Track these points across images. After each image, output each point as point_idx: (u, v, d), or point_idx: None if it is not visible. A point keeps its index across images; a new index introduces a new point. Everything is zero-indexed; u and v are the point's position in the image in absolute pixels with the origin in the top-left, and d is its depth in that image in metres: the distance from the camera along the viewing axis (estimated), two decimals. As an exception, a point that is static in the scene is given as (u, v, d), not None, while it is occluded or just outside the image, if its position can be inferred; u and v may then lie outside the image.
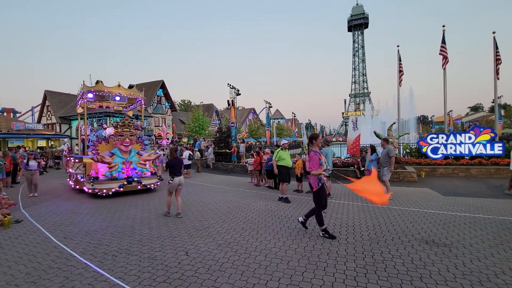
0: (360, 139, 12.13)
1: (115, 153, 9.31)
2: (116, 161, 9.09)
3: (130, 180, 8.96)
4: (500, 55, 12.31)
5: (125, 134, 9.53)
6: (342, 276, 3.27)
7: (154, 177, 9.85)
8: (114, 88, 10.35)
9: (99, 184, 8.52)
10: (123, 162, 9.24)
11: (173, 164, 6.24)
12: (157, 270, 3.53)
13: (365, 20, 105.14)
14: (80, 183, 9.41)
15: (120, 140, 9.42)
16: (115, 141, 9.49)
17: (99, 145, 9.78)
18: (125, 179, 8.93)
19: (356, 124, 12.20)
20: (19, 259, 4.03)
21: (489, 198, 7.23)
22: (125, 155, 9.41)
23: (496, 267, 3.39)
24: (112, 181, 8.69)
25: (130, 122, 9.91)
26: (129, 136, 9.60)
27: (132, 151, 9.63)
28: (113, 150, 9.39)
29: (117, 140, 9.43)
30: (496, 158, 11.08)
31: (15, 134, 25.62)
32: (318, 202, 4.66)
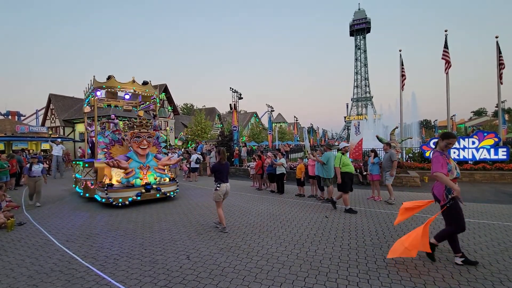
0: (362, 143, 12.11)
1: (131, 157, 8.26)
2: (132, 166, 8.07)
3: (148, 187, 7.92)
4: (504, 60, 12.28)
5: (142, 135, 8.42)
6: (344, 282, 3.24)
7: (174, 184, 8.76)
8: (128, 84, 9.24)
9: (114, 193, 7.51)
10: (140, 167, 8.17)
11: (220, 168, 5.31)
12: (159, 274, 3.52)
13: (367, 24, 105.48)
14: (91, 190, 8.46)
15: (136, 142, 8.33)
16: (130, 144, 8.45)
17: (112, 147, 8.82)
18: (142, 187, 7.90)
19: (359, 128, 12.19)
20: (22, 261, 4.04)
21: (493, 203, 7.15)
22: (142, 159, 8.35)
23: (501, 273, 3.34)
24: (128, 188, 7.70)
25: (147, 122, 8.76)
26: (147, 137, 8.52)
27: (149, 155, 8.59)
28: (128, 154, 8.38)
29: (133, 142, 8.33)
30: (500, 163, 10.99)
31: (19, 137, 25.85)
32: (450, 221, 3.59)
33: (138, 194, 7.72)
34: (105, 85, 8.97)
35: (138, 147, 8.34)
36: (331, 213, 6.50)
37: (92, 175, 8.47)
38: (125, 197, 7.54)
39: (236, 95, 20.16)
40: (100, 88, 9.03)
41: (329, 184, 7.63)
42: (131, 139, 8.36)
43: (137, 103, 11.94)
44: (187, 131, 35.37)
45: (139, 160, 8.30)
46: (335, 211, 6.63)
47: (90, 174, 8.58)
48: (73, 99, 37.49)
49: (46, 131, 29.43)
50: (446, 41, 13.14)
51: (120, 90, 9.43)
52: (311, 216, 6.21)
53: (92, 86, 9.04)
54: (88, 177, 8.64)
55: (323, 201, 7.77)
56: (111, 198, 7.43)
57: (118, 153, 8.69)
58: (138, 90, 9.52)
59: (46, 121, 36.19)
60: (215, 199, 5.30)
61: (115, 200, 7.44)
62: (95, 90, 9.03)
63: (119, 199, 7.48)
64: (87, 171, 8.74)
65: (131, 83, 9.28)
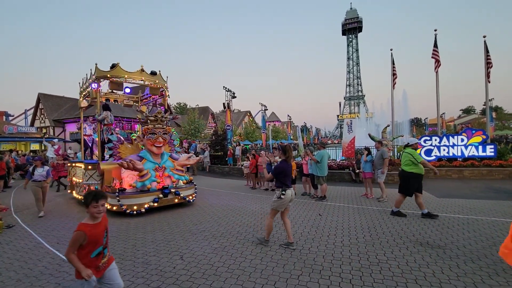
0: (355, 142, 12.22)
1: (144, 157, 7.20)
2: (147, 168, 7.00)
3: (166, 191, 6.90)
4: (491, 59, 12.54)
5: (157, 131, 7.33)
6: (337, 279, 3.27)
7: (191, 187, 7.71)
8: (136, 74, 8.07)
9: (128, 199, 6.46)
10: (155, 168, 7.14)
11: (286, 169, 4.31)
12: (151, 275, 3.48)
13: (359, 24, 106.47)
14: None
15: (151, 140, 7.25)
16: (143, 141, 7.48)
17: (121, 146, 7.80)
18: (160, 191, 6.85)
19: (351, 126, 12.29)
20: (10, 265, 3.95)
21: (481, 199, 7.31)
22: (157, 160, 7.32)
23: (490, 268, 3.43)
24: (143, 194, 6.64)
25: (163, 116, 7.68)
26: (163, 134, 7.45)
27: (164, 154, 7.61)
28: (141, 153, 7.34)
29: (147, 139, 7.28)
30: (488, 159, 11.24)
31: (7, 137, 25.24)
32: None
33: (155, 200, 6.69)
34: (109, 74, 7.78)
35: (153, 145, 7.25)
36: (324, 211, 6.54)
37: (97, 179, 7.41)
38: (140, 204, 6.49)
39: (229, 94, 20.10)
40: (104, 78, 7.89)
41: (322, 182, 7.69)
42: (145, 136, 7.35)
43: (139, 98, 10.86)
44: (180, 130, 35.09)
45: (153, 160, 7.25)
46: (327, 209, 6.68)
47: (94, 178, 7.47)
48: (63, 99, 36.76)
49: (36, 131, 28.82)
50: (435, 40, 13.34)
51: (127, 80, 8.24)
52: (305, 214, 6.24)
53: (94, 75, 7.86)
54: (92, 181, 7.49)
55: (316, 199, 7.83)
56: (124, 205, 6.34)
57: (127, 153, 7.68)
58: (147, 81, 8.43)
59: (35, 121, 35.43)
60: (277, 208, 4.28)
61: (129, 208, 6.32)
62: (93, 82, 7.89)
63: (134, 206, 6.40)
64: (90, 174, 7.55)
65: (140, 73, 8.15)
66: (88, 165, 7.71)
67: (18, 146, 26.72)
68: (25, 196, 9.87)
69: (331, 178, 11.13)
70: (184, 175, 7.78)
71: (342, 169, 11.93)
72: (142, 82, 8.48)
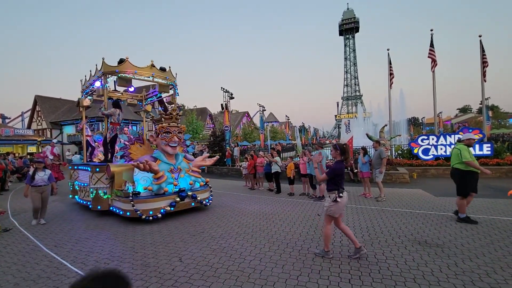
0: (352, 141, 12.26)
1: (158, 158, 6.77)
2: (162, 169, 6.54)
3: (183, 194, 6.48)
4: (487, 58, 12.64)
5: (172, 130, 6.87)
6: (336, 279, 3.27)
7: (207, 189, 7.30)
8: (146, 69, 7.63)
9: (143, 203, 6.00)
10: (170, 170, 6.69)
11: (342, 170, 3.96)
12: (150, 278, 3.47)
13: (356, 24, 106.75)
14: (103, 201, 6.79)
15: (166, 139, 6.80)
16: (156, 141, 7.02)
17: (132, 146, 7.44)
18: (176, 194, 6.44)
19: (349, 126, 12.33)
20: (8, 269, 3.92)
21: (478, 198, 7.34)
22: (171, 160, 6.88)
23: (488, 266, 3.44)
24: (159, 197, 6.23)
25: (178, 114, 7.20)
26: (177, 133, 6.99)
27: (179, 155, 7.17)
28: (154, 154, 6.94)
29: (162, 139, 6.82)
30: (485, 158, 11.31)
31: (4, 140, 25.08)
32: None
33: (172, 204, 6.25)
34: (118, 70, 7.33)
35: (167, 145, 6.79)
36: (323, 211, 6.54)
37: (106, 182, 6.89)
38: (156, 209, 6.04)
39: (227, 95, 20.08)
40: (111, 74, 7.45)
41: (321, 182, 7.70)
42: (159, 135, 6.88)
43: (144, 96, 10.36)
44: None
45: (168, 161, 6.81)
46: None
47: (103, 181, 6.89)
48: (60, 101, 36.61)
49: (33, 134, 28.65)
50: (432, 40, 13.43)
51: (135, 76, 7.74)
52: (304, 215, 6.25)
53: (101, 70, 7.37)
54: (100, 185, 6.89)
55: (315, 199, 7.83)
56: (139, 210, 5.91)
57: (138, 153, 7.30)
58: (158, 77, 7.93)
59: (32, 123, 35.24)
60: (333, 214, 3.85)
61: (144, 213, 5.90)
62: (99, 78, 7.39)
63: (149, 211, 5.96)
64: (98, 177, 6.95)
65: (150, 68, 7.70)
66: (96, 167, 7.12)
67: (15, 148, 26.56)
68: (22, 199, 9.80)
69: (330, 178, 11.14)
70: (201, 177, 7.35)
71: (340, 169, 11.93)
72: (150, 79, 8.01)
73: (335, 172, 3.88)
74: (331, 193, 3.88)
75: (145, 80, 8.11)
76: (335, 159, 4.12)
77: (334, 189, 3.86)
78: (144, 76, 7.78)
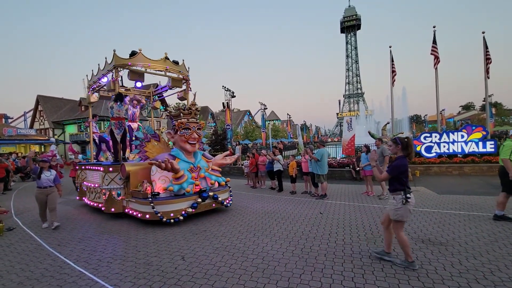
0: (354, 139, 12.22)
1: (177, 156, 6.39)
2: (182, 168, 6.17)
3: (205, 195, 6.11)
4: (490, 55, 12.53)
5: (191, 126, 6.49)
6: (340, 277, 3.26)
7: (226, 190, 6.93)
8: (159, 62, 7.19)
9: (163, 205, 5.67)
10: (190, 168, 6.33)
11: (407, 167, 3.43)
12: (153, 276, 3.48)
13: (357, 21, 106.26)
14: (117, 203, 6.41)
15: (185, 136, 6.41)
16: (174, 138, 6.63)
17: (147, 144, 7.10)
18: (197, 195, 6.08)
19: (351, 124, 12.29)
20: (11, 268, 3.94)
21: (482, 195, 7.31)
22: (190, 159, 6.53)
23: (492, 264, 3.42)
24: (179, 198, 5.86)
25: (197, 109, 6.79)
26: (196, 129, 6.61)
27: (198, 153, 6.83)
28: (173, 152, 6.55)
29: (180, 135, 6.43)
30: (489, 155, 11.24)
31: (7, 140, 25.23)
32: None
33: (193, 205, 5.92)
34: (131, 62, 6.92)
35: (187, 142, 6.43)
36: (325, 209, 6.54)
37: (119, 183, 6.53)
38: (177, 210, 5.71)
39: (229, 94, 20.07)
40: (123, 67, 7.06)
41: (323, 180, 7.69)
42: (177, 131, 6.48)
43: (151, 92, 9.96)
44: None
45: (187, 159, 6.46)
46: (328, 208, 6.67)
47: (117, 181, 6.53)
48: (62, 100, 36.77)
49: (35, 133, 28.80)
50: (434, 37, 13.33)
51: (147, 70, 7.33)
52: (306, 213, 6.24)
53: (111, 64, 6.97)
54: (114, 185, 6.51)
55: (317, 198, 7.82)
56: (159, 212, 5.56)
57: (154, 152, 6.98)
58: (172, 70, 7.54)
59: (34, 123, 35.42)
60: (402, 218, 3.38)
61: (165, 216, 5.56)
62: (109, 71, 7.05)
63: (170, 214, 5.63)
64: (111, 177, 6.57)
65: (163, 61, 7.26)
66: (109, 167, 6.67)
67: (18, 148, 26.71)
68: (25, 198, 9.87)
69: (332, 176, 11.14)
70: (221, 176, 6.98)
71: (342, 167, 11.92)
72: (163, 73, 7.64)
73: (399, 169, 3.36)
74: (396, 194, 3.40)
75: (156, 74, 7.72)
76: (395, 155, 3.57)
77: (399, 189, 3.38)
78: (157, 70, 7.38)
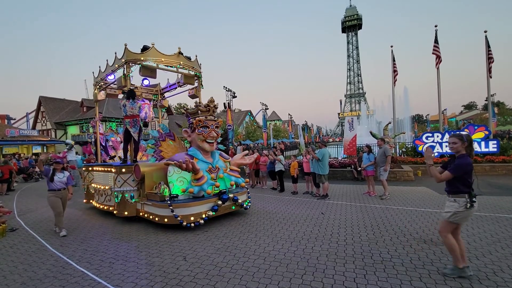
0: (356, 140, 12.20)
1: (195, 156, 6.07)
2: (200, 168, 5.91)
3: (225, 197, 5.80)
4: (492, 54, 12.47)
5: (210, 124, 6.19)
6: (341, 278, 3.26)
7: (244, 192, 6.60)
8: (173, 58, 6.93)
9: (182, 208, 5.36)
10: (208, 169, 6.03)
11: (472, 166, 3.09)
12: (155, 277, 3.48)
13: (358, 21, 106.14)
14: (130, 206, 6.10)
15: (204, 134, 6.10)
16: (191, 136, 6.33)
17: (162, 143, 6.83)
18: (217, 197, 5.77)
19: (352, 124, 12.27)
20: (14, 268, 3.96)
21: (485, 195, 7.28)
22: (208, 159, 6.22)
23: (495, 265, 3.40)
24: (199, 201, 5.55)
25: (215, 106, 6.48)
26: (215, 127, 6.31)
27: (215, 153, 6.52)
28: (190, 151, 6.21)
29: (198, 134, 6.10)
30: (491, 155, 11.19)
31: (9, 141, 25.36)
32: None
33: (214, 208, 5.61)
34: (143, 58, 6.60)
35: (205, 141, 6.12)
36: (327, 209, 6.53)
37: (133, 184, 6.21)
38: (197, 214, 5.41)
39: (230, 94, 20.10)
40: (134, 62, 6.65)
41: (324, 180, 7.68)
42: (195, 129, 6.14)
43: (158, 90, 9.65)
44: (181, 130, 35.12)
45: (205, 159, 6.15)
46: (329, 208, 6.66)
47: (129, 183, 6.21)
48: (64, 101, 36.95)
49: (37, 134, 28.94)
50: (436, 36, 13.28)
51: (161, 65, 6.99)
52: (307, 213, 6.23)
53: (122, 59, 6.62)
54: (127, 187, 6.17)
55: (319, 198, 7.81)
56: (178, 216, 5.26)
57: (169, 151, 6.71)
58: (186, 66, 7.25)
59: (37, 124, 35.59)
60: (460, 220, 3.16)
61: (185, 220, 5.25)
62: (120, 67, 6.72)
63: (190, 217, 5.32)
64: (124, 179, 6.22)
65: (177, 56, 7.00)
66: (122, 168, 6.30)
67: (20, 149, 26.85)
68: (28, 199, 9.93)
69: (333, 176, 11.12)
70: (240, 177, 6.57)
71: (344, 167, 11.90)
72: (174, 69, 7.29)
73: (464, 169, 3.00)
74: (459, 196, 3.08)
75: (168, 70, 7.29)
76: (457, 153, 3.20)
77: (464, 191, 3.05)
78: (171, 65, 7.04)
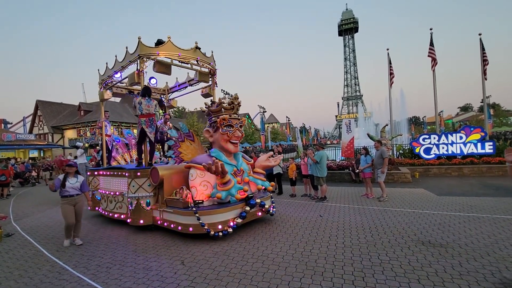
0: (354, 142, 12.23)
1: (218, 158, 5.48)
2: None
3: (252, 202, 5.26)
4: (487, 56, 12.61)
5: (234, 123, 5.70)
6: (340, 280, 3.25)
7: (268, 197, 6.05)
8: (190, 52, 6.51)
9: (208, 215, 4.88)
10: (233, 172, 5.57)
11: None
12: (152, 281, 3.45)
13: (355, 24, 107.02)
14: (146, 214, 5.57)
15: (228, 134, 5.62)
16: (214, 137, 5.81)
17: (181, 144, 6.36)
18: (244, 202, 5.29)
19: (350, 126, 12.30)
20: (10, 274, 3.92)
21: (481, 196, 7.31)
22: (232, 161, 5.72)
23: (492, 266, 3.41)
24: (225, 207, 5.07)
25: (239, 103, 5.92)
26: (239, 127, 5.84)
27: (238, 154, 6.02)
28: (213, 152, 5.66)
29: (222, 133, 5.62)
30: (487, 156, 11.26)
31: (6, 145, 25.18)
32: None
33: (242, 215, 5.12)
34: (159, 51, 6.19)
35: (229, 141, 5.63)
36: (325, 212, 6.53)
37: (149, 190, 5.69)
38: (225, 221, 4.94)
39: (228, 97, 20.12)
40: (148, 58, 6.20)
41: (322, 183, 7.68)
42: (219, 129, 5.64)
43: (166, 89, 9.26)
44: None
45: (229, 161, 5.65)
46: (328, 210, 6.66)
47: (145, 188, 5.69)
48: (61, 105, 36.80)
49: (34, 138, 28.76)
50: (431, 39, 13.41)
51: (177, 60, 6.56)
52: (306, 216, 6.22)
53: (136, 53, 6.15)
54: (142, 193, 5.66)
55: (317, 200, 7.81)
56: (205, 224, 4.78)
57: (189, 152, 6.27)
58: (203, 62, 6.86)
59: (34, 128, 35.38)
60: None
61: (212, 228, 4.79)
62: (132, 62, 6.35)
63: (218, 225, 4.86)
64: (139, 184, 5.68)
65: (193, 51, 6.59)
66: (137, 171, 5.76)
67: (17, 153, 26.66)
68: (24, 204, 9.84)
69: (331, 178, 11.13)
70: (266, 181, 6.12)
71: (341, 169, 11.91)
72: (188, 66, 6.94)
73: None
74: None
75: (183, 66, 6.89)
76: None
77: None
78: (186, 61, 6.66)
